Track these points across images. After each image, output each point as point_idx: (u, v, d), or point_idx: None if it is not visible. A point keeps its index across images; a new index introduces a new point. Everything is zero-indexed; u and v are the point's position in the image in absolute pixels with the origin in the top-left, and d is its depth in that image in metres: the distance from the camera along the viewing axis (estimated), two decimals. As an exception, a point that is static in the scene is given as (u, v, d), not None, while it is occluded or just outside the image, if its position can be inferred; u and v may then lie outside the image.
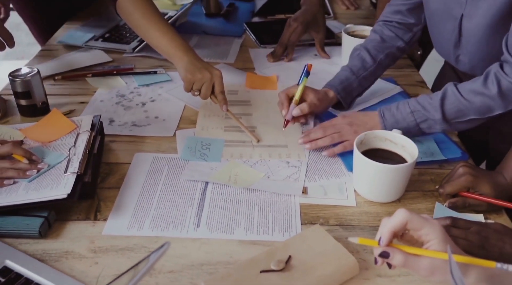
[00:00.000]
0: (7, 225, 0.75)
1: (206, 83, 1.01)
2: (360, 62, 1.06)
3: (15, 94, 1.04)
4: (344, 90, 1.05)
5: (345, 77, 1.06)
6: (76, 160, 0.83)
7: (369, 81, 1.09)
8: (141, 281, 0.66)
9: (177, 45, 1.04)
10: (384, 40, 1.09)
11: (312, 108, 1.01)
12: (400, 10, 1.08)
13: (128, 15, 1.08)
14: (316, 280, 0.67)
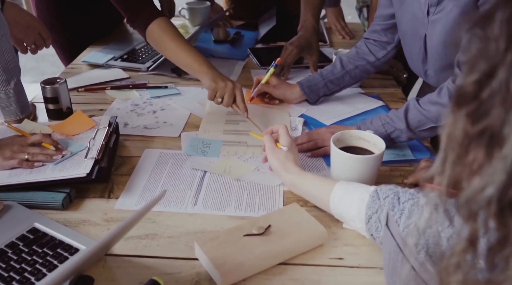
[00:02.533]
0: (36, 198, 0.90)
1: (229, 92, 1.18)
2: (331, 67, 1.28)
3: (45, 99, 1.20)
4: (309, 87, 1.28)
5: (313, 78, 1.29)
6: (95, 149, 0.98)
7: (336, 85, 1.28)
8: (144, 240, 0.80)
9: (202, 62, 1.22)
10: (358, 53, 1.27)
11: (266, 89, 1.29)
12: (376, 29, 1.25)
13: (159, 40, 1.26)
14: (290, 243, 0.80)
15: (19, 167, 0.95)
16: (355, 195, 0.79)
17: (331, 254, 0.81)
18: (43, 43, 1.35)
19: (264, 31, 1.82)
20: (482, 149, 0.32)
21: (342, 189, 0.82)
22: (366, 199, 0.77)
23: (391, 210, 0.73)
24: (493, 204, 0.31)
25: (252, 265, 0.76)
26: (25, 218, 0.85)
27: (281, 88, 1.31)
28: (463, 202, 0.34)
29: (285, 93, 1.30)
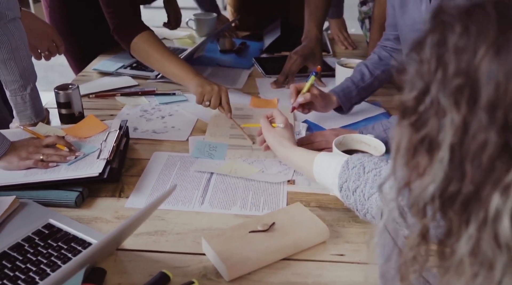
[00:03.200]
0: (50, 196, 0.94)
1: (215, 95, 1.22)
2: (360, 75, 1.28)
3: (58, 104, 1.25)
4: (345, 96, 1.27)
5: (346, 86, 1.28)
6: (106, 151, 1.03)
7: (366, 92, 1.30)
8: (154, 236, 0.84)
9: (188, 71, 1.28)
10: (381, 59, 1.30)
11: (314, 99, 1.22)
12: (389, 38, 1.30)
13: (144, 53, 1.33)
14: (293, 239, 0.83)
15: (35, 167, 0.99)
16: (331, 165, 0.86)
17: (332, 250, 0.85)
18: (57, 50, 1.41)
19: (269, 41, 1.87)
20: (424, 154, 0.37)
21: (321, 160, 0.89)
22: (338, 169, 0.83)
23: (357, 180, 0.79)
24: (436, 199, 0.36)
25: (257, 259, 0.79)
26: (40, 214, 0.89)
27: (324, 98, 1.26)
28: (412, 201, 0.38)
29: (327, 103, 1.27)
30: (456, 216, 0.36)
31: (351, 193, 0.81)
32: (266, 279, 0.78)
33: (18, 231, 0.85)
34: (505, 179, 0.32)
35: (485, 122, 0.32)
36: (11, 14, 1.07)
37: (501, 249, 0.33)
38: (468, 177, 0.34)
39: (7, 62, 1.10)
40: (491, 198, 0.33)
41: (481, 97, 0.33)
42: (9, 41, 1.08)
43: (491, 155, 0.32)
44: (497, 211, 0.32)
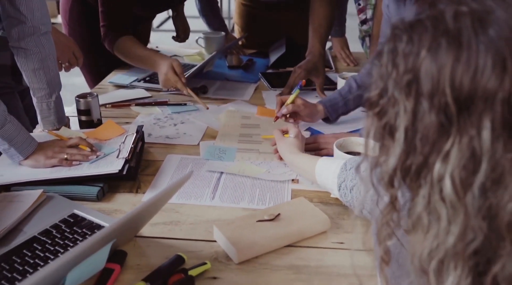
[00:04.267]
0: (74, 190, 1.02)
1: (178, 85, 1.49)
2: (348, 88, 1.38)
3: (78, 112, 1.35)
4: (331, 106, 1.36)
5: (333, 97, 1.38)
6: (125, 151, 1.12)
7: (354, 103, 1.38)
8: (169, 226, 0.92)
9: (156, 61, 1.54)
10: (370, 73, 1.39)
11: (297, 109, 1.33)
12: None
13: (124, 49, 1.60)
14: (297, 228, 0.91)
15: (59, 165, 1.08)
16: (331, 167, 0.95)
17: (333, 239, 0.92)
18: (76, 61, 1.51)
19: (274, 58, 1.97)
20: (387, 137, 0.47)
21: (323, 164, 0.98)
22: (337, 171, 0.92)
23: (354, 179, 0.89)
24: (397, 171, 0.45)
25: (264, 245, 0.87)
26: (66, 206, 0.98)
27: (307, 106, 1.37)
28: (381, 175, 0.48)
29: (312, 112, 1.37)
30: (412, 183, 0.45)
31: (349, 191, 0.90)
32: (272, 262, 0.86)
33: (46, 220, 0.93)
34: (444, 148, 0.41)
35: (427, 107, 0.42)
36: (44, 28, 1.18)
37: (446, 203, 0.41)
38: (418, 150, 0.43)
39: (36, 71, 1.20)
40: (435, 165, 0.42)
41: (423, 89, 0.42)
42: (40, 52, 1.19)
43: (433, 131, 0.42)
44: (440, 174, 0.41)
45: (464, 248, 0.40)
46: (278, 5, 2.08)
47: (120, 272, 0.81)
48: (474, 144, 0.39)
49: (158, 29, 5.74)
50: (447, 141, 0.41)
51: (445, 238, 0.41)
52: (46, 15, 1.20)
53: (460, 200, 0.40)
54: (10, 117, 1.06)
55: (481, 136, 0.39)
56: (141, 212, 0.77)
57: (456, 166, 0.40)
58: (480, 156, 0.39)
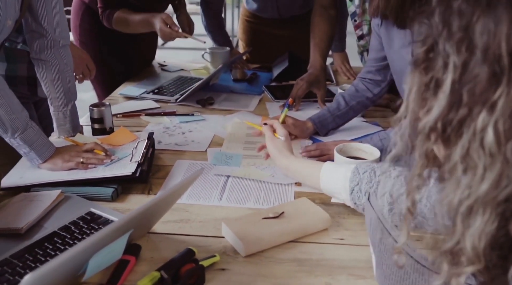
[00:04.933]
0: (90, 191, 1.09)
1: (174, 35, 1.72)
2: (336, 104, 1.45)
3: (92, 120, 1.42)
4: (320, 123, 1.44)
5: (322, 114, 1.46)
6: (137, 155, 1.18)
7: (342, 119, 1.46)
8: (179, 224, 0.98)
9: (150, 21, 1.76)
10: (358, 91, 1.47)
11: (287, 128, 1.37)
12: (370, 70, 1.46)
13: (126, 20, 1.79)
14: (300, 225, 0.97)
15: (76, 168, 1.15)
16: (339, 172, 0.98)
17: (333, 235, 0.98)
18: (89, 73, 1.59)
19: (278, 71, 2.05)
20: (431, 92, 0.50)
21: (329, 169, 1.02)
22: (348, 175, 0.96)
23: (369, 182, 0.92)
24: (439, 123, 0.49)
25: (269, 240, 0.93)
26: (82, 205, 1.04)
27: (297, 125, 1.44)
28: (420, 129, 0.51)
29: (302, 129, 1.45)
30: (453, 133, 0.48)
31: (363, 194, 0.94)
32: (276, 255, 0.92)
33: (64, 217, 0.99)
34: (492, 98, 0.44)
35: (479, 61, 0.45)
36: (63, 41, 1.27)
37: (485, 152, 0.44)
38: (464, 102, 0.46)
39: (55, 81, 1.27)
40: (479, 115, 0.44)
41: (477, 43, 0.45)
42: (59, 64, 1.27)
43: (482, 83, 0.44)
44: (484, 124, 0.44)
45: (495, 196, 0.43)
46: (280, 22, 2.17)
47: (135, 263, 0.87)
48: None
49: (163, 47, 5.86)
50: (495, 92, 0.43)
51: (478, 186, 0.44)
52: (65, 29, 1.28)
53: (500, 149, 0.43)
54: (31, 123, 1.13)
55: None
56: (156, 204, 0.84)
57: (501, 116, 0.43)
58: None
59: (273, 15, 2.14)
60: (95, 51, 1.92)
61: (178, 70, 2.17)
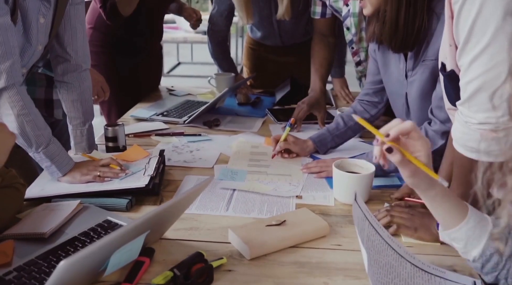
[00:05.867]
0: (106, 202, 1.18)
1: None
2: (335, 125, 1.55)
3: (106, 138, 1.52)
4: (320, 142, 1.53)
5: (322, 134, 1.56)
6: (150, 170, 1.28)
7: (341, 139, 1.56)
8: (189, 231, 1.06)
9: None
10: (356, 112, 1.57)
11: (288, 146, 1.49)
12: (368, 92, 1.57)
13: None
14: (300, 231, 1.05)
15: (93, 181, 1.24)
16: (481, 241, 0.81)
17: (332, 242, 1.06)
18: (104, 95, 1.70)
19: (280, 96, 2.16)
20: None
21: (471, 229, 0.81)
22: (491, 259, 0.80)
23: None
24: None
25: (272, 244, 1.01)
26: (100, 214, 1.13)
27: (298, 144, 1.54)
28: None
29: (302, 147, 1.54)
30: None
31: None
32: (279, 259, 1.00)
33: (84, 224, 1.08)
34: None
35: None
36: (85, 65, 1.38)
37: None
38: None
39: (75, 102, 1.38)
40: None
41: None
42: (80, 86, 1.38)
43: None
44: None
45: None
46: (283, 49, 2.30)
47: (150, 264, 0.96)
48: None
49: (168, 75, 6.03)
50: None
51: None
52: (87, 55, 1.40)
53: None
54: (53, 139, 1.23)
55: None
56: (170, 207, 0.92)
57: None
58: None
59: (276, 43, 2.26)
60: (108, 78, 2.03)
61: (186, 95, 2.28)
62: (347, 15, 1.84)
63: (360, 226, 0.87)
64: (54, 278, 0.67)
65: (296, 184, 1.34)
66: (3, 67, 1.12)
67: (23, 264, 0.92)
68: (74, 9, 1.37)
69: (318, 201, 1.25)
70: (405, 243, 1.05)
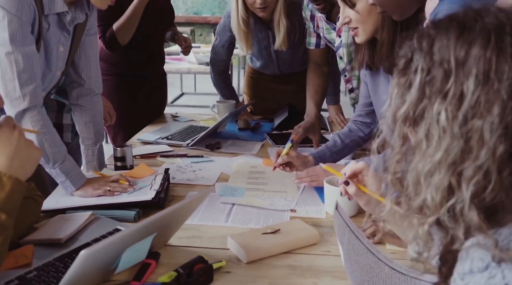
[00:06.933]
0: (115, 213, 1.28)
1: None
2: (333, 142, 1.66)
3: (115, 158, 1.63)
4: (320, 157, 1.63)
5: (321, 150, 1.66)
6: (156, 185, 1.39)
7: (338, 155, 1.66)
8: (191, 239, 1.17)
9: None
10: (351, 130, 1.68)
11: (290, 160, 1.58)
12: (361, 114, 1.69)
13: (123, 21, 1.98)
14: (293, 238, 1.15)
15: (104, 195, 1.35)
16: None
17: (322, 248, 1.16)
18: (111, 119, 1.83)
19: (278, 121, 2.28)
20: (406, 90, 0.67)
21: None
22: None
23: None
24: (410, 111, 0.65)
25: (267, 250, 1.11)
26: (110, 224, 1.23)
27: (300, 158, 1.63)
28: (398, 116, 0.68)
29: (303, 162, 1.63)
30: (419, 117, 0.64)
31: None
32: (273, 262, 1.10)
33: (95, 232, 1.18)
34: (444, 90, 0.61)
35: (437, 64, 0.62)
36: (97, 90, 1.52)
37: (439, 129, 0.60)
38: (426, 95, 0.63)
39: (87, 124, 1.51)
40: (436, 103, 0.61)
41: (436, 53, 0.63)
42: (92, 109, 1.51)
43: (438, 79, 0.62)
44: (439, 109, 0.61)
45: (446, 160, 0.60)
46: (281, 78, 2.43)
47: (156, 266, 1.06)
48: (466, 88, 0.60)
49: (172, 105, 6.20)
50: (446, 86, 0.61)
51: (435, 154, 0.61)
52: (99, 80, 1.53)
53: (449, 126, 0.60)
54: (68, 156, 1.35)
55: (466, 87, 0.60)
56: (174, 211, 1.03)
57: (449, 103, 0.60)
58: (465, 96, 0.60)
59: (274, 72, 2.40)
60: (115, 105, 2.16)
61: (189, 121, 2.41)
62: (339, 45, 1.99)
63: (341, 230, 0.97)
64: (75, 266, 0.77)
65: (291, 200, 1.45)
66: (27, 90, 1.25)
67: (42, 265, 1.03)
68: (88, 40, 1.51)
69: (310, 214, 1.35)
70: (389, 250, 1.15)
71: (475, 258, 0.57)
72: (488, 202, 0.59)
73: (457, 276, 0.59)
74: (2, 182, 0.88)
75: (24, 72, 1.25)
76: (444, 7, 0.98)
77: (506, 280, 0.54)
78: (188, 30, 7.59)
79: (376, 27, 1.39)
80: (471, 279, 0.57)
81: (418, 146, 0.65)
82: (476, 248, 0.58)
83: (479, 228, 0.58)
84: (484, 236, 0.58)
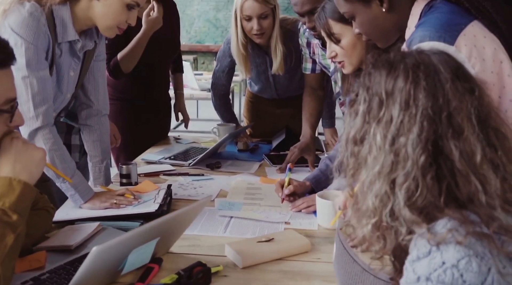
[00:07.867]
0: (121, 224, 1.38)
1: None
2: (325, 166, 1.72)
3: (121, 175, 1.73)
4: (316, 182, 1.70)
5: (316, 174, 1.73)
6: (159, 198, 1.49)
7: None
8: (192, 247, 1.26)
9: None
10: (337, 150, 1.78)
11: (295, 189, 1.65)
12: None
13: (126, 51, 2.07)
14: (286, 246, 1.25)
15: (111, 207, 1.45)
16: None
17: (312, 255, 1.25)
18: (116, 141, 1.94)
19: (276, 142, 2.39)
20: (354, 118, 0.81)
21: None
22: None
23: None
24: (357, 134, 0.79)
25: (261, 256, 1.20)
26: (116, 234, 1.32)
27: (302, 186, 1.69)
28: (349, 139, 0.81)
29: (304, 188, 1.70)
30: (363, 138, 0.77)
31: None
32: (267, 268, 1.19)
33: (103, 240, 1.27)
34: (379, 116, 0.74)
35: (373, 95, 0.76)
36: (104, 111, 1.63)
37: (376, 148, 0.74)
38: (367, 120, 0.77)
39: (95, 142, 1.62)
40: (372, 127, 0.75)
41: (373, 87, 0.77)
42: (100, 129, 1.62)
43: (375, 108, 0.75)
44: (375, 132, 0.74)
45: (382, 171, 0.73)
46: (279, 102, 2.56)
47: (158, 270, 1.15)
48: (393, 114, 0.73)
49: (174, 130, 6.31)
50: (380, 113, 0.75)
51: (375, 166, 0.74)
52: (106, 102, 1.65)
53: (384, 145, 0.73)
54: (77, 171, 1.45)
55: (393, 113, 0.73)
56: (176, 217, 1.13)
57: (383, 127, 0.74)
58: (393, 120, 0.73)
59: (272, 95, 2.53)
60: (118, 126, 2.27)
61: (191, 142, 2.52)
62: (334, 70, 2.11)
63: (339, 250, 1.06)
64: (88, 262, 0.87)
65: (286, 213, 1.54)
66: (40, 110, 1.37)
67: (54, 268, 1.12)
68: (97, 65, 1.64)
69: (304, 226, 1.45)
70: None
71: (420, 246, 0.69)
72: (421, 204, 0.71)
73: (407, 264, 0.71)
74: (12, 186, 0.98)
75: (38, 94, 1.36)
76: (418, 34, 1.09)
77: (443, 258, 0.66)
78: (191, 58, 7.79)
79: (361, 59, 1.51)
80: (418, 264, 0.69)
81: (363, 162, 0.78)
82: (420, 239, 0.70)
83: (415, 222, 0.71)
84: (422, 227, 0.70)
